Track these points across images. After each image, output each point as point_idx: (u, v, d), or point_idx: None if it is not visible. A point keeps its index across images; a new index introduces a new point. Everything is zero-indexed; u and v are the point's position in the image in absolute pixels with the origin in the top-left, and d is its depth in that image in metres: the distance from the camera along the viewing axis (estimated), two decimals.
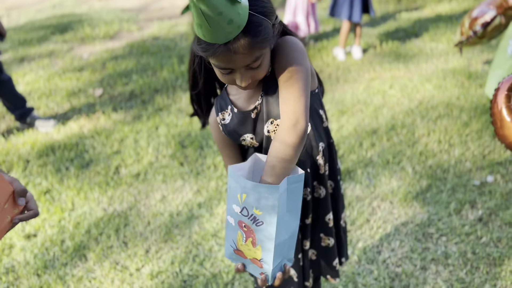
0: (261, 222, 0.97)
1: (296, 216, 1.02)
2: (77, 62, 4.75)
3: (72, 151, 3.10)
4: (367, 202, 2.41)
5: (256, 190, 0.94)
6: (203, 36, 0.90)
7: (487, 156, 2.68)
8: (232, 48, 0.91)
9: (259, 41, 0.93)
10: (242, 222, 1.00)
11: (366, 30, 5.00)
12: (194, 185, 2.66)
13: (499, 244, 2.09)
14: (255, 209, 0.96)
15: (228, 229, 1.05)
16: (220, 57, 0.93)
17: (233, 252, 1.06)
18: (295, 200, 1.00)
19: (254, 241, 1.00)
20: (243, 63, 0.96)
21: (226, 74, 1.00)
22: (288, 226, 1.01)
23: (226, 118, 1.16)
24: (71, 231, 2.38)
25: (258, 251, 1.00)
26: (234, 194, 0.99)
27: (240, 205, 0.98)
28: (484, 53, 4.08)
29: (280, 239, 0.99)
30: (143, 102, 3.76)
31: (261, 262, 1.02)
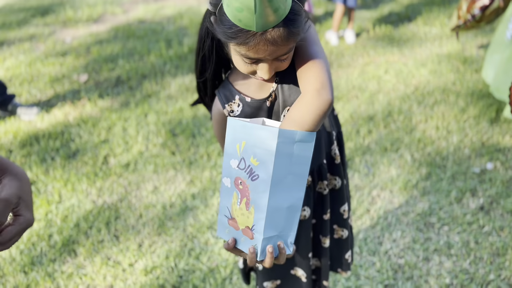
0: (257, 175, 0.86)
1: (301, 185, 0.90)
2: (59, 46, 4.56)
3: (57, 140, 2.96)
4: (366, 191, 2.35)
5: (254, 132, 0.84)
6: (239, 21, 0.81)
7: (485, 143, 2.64)
8: (269, 38, 0.82)
9: (296, 32, 0.84)
10: (238, 179, 0.89)
11: (359, 14, 4.90)
12: (187, 175, 2.56)
13: (502, 233, 2.05)
14: (252, 158, 0.86)
15: (223, 196, 0.94)
16: (252, 46, 0.84)
17: (227, 224, 0.94)
18: (302, 165, 0.88)
19: (248, 201, 0.88)
20: (275, 55, 0.87)
21: (250, 64, 0.90)
22: (289, 194, 0.88)
23: (236, 110, 1.05)
24: (59, 225, 2.27)
25: (250, 215, 0.89)
26: (232, 146, 0.89)
27: (239, 156, 0.88)
28: (478, 37, 4.03)
29: (276, 202, 0.86)
30: (130, 88, 3.62)
31: (252, 231, 0.89)
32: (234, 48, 0.89)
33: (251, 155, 0.86)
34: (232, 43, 0.86)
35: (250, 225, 0.89)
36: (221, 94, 1.06)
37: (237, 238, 0.93)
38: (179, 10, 5.42)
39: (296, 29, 0.84)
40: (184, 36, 4.60)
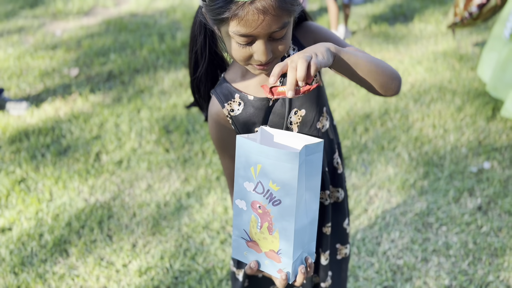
0: (278, 200, 0.82)
1: (316, 197, 0.87)
2: (49, 39, 4.46)
3: (47, 136, 2.89)
4: (364, 190, 2.32)
5: (273, 156, 0.79)
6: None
7: (482, 142, 2.63)
8: (259, 7, 0.78)
9: (289, 2, 0.80)
10: (256, 203, 0.85)
11: (354, 10, 4.87)
12: (181, 173, 2.51)
13: (500, 234, 2.04)
14: (271, 183, 0.81)
15: (237, 218, 0.89)
16: (242, 17, 0.79)
17: (246, 246, 0.90)
18: (314, 177, 0.85)
19: (271, 226, 0.84)
20: (269, 28, 0.81)
21: (245, 45, 0.84)
22: (308, 209, 0.86)
23: (236, 109, 1.00)
24: (50, 224, 2.21)
25: (275, 239, 0.85)
26: (245, 169, 0.84)
27: (254, 179, 0.83)
28: (473, 35, 4.02)
29: (300, 223, 0.84)
30: (122, 83, 3.55)
31: (279, 255, 0.86)
32: (226, 31, 0.84)
33: (269, 179, 0.81)
34: (223, 23, 0.82)
35: (275, 249, 0.86)
36: (218, 94, 1.01)
37: (260, 260, 0.90)
38: (172, 4, 5.33)
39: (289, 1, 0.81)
40: (177, 30, 4.53)
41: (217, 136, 1.04)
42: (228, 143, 1.03)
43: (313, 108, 1.01)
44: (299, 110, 1.01)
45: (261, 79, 0.99)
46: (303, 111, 1.01)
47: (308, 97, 1.00)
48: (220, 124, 1.02)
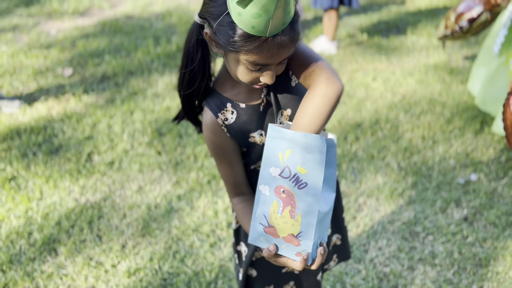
0: (305, 183, 0.88)
1: (332, 187, 0.93)
2: (44, 38, 4.46)
3: (39, 135, 2.89)
4: (353, 198, 2.35)
5: (303, 141, 0.87)
6: (252, 28, 0.80)
7: (470, 154, 2.68)
8: (280, 42, 0.83)
9: (298, 33, 0.87)
10: (280, 187, 0.90)
11: (348, 20, 4.93)
12: (172, 176, 2.53)
13: (485, 244, 2.08)
14: (300, 167, 0.87)
15: (258, 204, 0.94)
16: (264, 52, 0.84)
17: (263, 232, 0.94)
18: (331, 168, 0.91)
19: (294, 209, 0.90)
20: (282, 58, 0.87)
21: (255, 71, 0.90)
22: (328, 197, 0.92)
23: (230, 117, 1.03)
24: (39, 223, 2.20)
25: (296, 222, 0.90)
26: (273, 155, 0.90)
27: (282, 165, 0.89)
28: (463, 48, 4.10)
29: (323, 207, 0.90)
30: (116, 85, 3.55)
31: (299, 238, 0.91)
32: (239, 58, 0.87)
33: (298, 163, 0.87)
34: (241, 53, 0.85)
35: (295, 233, 0.91)
36: (211, 104, 1.04)
37: (278, 245, 0.94)
38: (168, 7, 5.36)
39: (298, 30, 0.87)
40: (173, 34, 4.55)
41: (214, 145, 1.07)
42: (225, 150, 1.07)
43: (297, 107, 1.05)
44: (285, 111, 1.05)
45: (250, 87, 1.01)
46: (288, 110, 1.06)
47: (292, 97, 1.05)
48: (216, 133, 1.05)
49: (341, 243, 1.35)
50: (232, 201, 1.12)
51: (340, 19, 4.96)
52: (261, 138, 1.06)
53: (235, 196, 1.11)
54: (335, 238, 1.33)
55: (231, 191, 1.11)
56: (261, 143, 1.07)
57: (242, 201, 1.10)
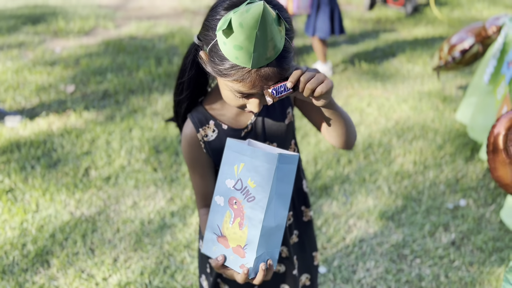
0: (253, 197, 0.92)
1: (285, 205, 0.96)
2: (48, 55, 4.57)
3: (39, 148, 2.95)
4: (343, 219, 2.39)
5: (254, 156, 0.91)
6: (235, 59, 0.84)
7: (460, 180, 2.73)
8: (263, 74, 0.86)
9: (287, 69, 0.89)
10: (233, 199, 0.95)
11: (345, 48, 5.06)
12: (167, 192, 2.57)
13: (471, 269, 2.11)
14: (250, 181, 0.92)
15: (213, 214, 0.98)
16: (247, 82, 0.87)
17: (216, 241, 0.98)
18: (286, 185, 0.94)
19: (242, 221, 0.94)
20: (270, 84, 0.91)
21: (241, 98, 0.94)
22: (277, 213, 0.94)
23: (210, 135, 1.09)
24: (33, 235, 2.24)
25: (243, 234, 0.94)
26: (229, 167, 0.95)
27: (236, 177, 0.94)
28: (457, 78, 4.19)
29: (268, 223, 0.93)
30: (117, 102, 3.63)
31: (245, 250, 0.94)
32: (226, 84, 0.92)
33: (248, 177, 0.92)
34: (227, 80, 0.89)
35: (242, 244, 0.94)
36: (194, 118, 1.09)
37: (227, 255, 0.97)
38: (171, 30, 5.50)
39: (287, 66, 0.89)
40: (174, 55, 4.66)
41: (189, 156, 1.12)
42: (198, 162, 1.12)
43: (283, 141, 1.13)
44: (271, 143, 1.11)
45: (239, 111, 1.08)
46: (274, 144, 1.12)
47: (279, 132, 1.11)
48: (192, 146, 1.10)
49: (310, 283, 1.35)
50: (199, 212, 1.17)
51: (338, 46, 5.09)
52: None
53: (203, 207, 1.16)
54: (304, 278, 1.34)
55: (200, 201, 1.16)
56: None
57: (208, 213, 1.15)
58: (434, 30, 5.65)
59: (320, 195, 2.57)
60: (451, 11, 6.52)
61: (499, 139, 1.39)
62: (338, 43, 5.20)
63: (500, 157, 1.38)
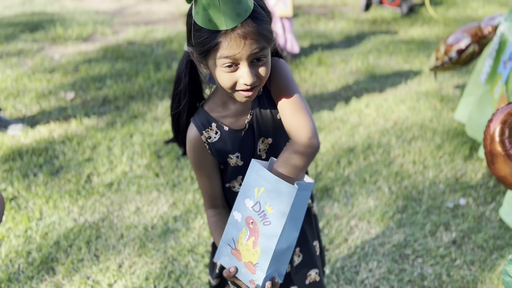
0: (269, 222, 0.96)
1: (297, 227, 1.01)
2: (47, 63, 4.59)
3: (41, 156, 2.96)
4: (345, 221, 2.42)
5: (275, 185, 0.94)
6: (209, 22, 0.91)
7: (459, 179, 2.76)
8: (240, 33, 0.92)
9: (265, 30, 0.95)
10: (250, 218, 0.99)
11: (342, 49, 5.09)
12: (170, 197, 2.59)
13: (472, 267, 2.14)
14: (268, 206, 0.96)
15: (230, 227, 1.03)
16: (228, 44, 0.92)
17: (229, 252, 1.03)
18: (300, 210, 0.99)
19: (256, 241, 0.98)
20: (250, 50, 0.94)
21: (231, 72, 0.97)
22: (289, 236, 1.00)
23: (213, 136, 1.12)
24: (38, 242, 2.26)
25: (256, 254, 0.98)
26: (250, 188, 0.98)
27: (255, 199, 0.97)
28: (454, 77, 4.23)
29: (280, 246, 0.98)
30: (117, 108, 3.65)
31: (256, 267, 0.99)
32: (213, 61, 0.96)
33: (267, 202, 0.96)
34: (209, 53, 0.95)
35: (254, 262, 0.99)
36: (197, 121, 1.13)
37: (238, 267, 1.03)
38: (169, 34, 5.52)
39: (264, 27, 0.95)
40: (173, 60, 4.69)
41: (195, 159, 1.16)
42: (204, 164, 1.16)
43: (279, 137, 1.15)
44: (266, 139, 1.14)
45: (237, 112, 1.12)
46: (269, 139, 1.15)
47: (275, 128, 1.14)
48: (198, 148, 1.14)
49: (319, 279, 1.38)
50: (207, 212, 1.21)
51: (335, 47, 5.12)
52: (237, 160, 1.15)
53: (211, 208, 1.20)
54: (314, 274, 1.37)
55: (208, 202, 1.20)
56: (236, 165, 1.16)
57: (216, 215, 1.19)
58: (430, 30, 5.69)
59: (321, 197, 2.60)
60: (446, 10, 6.57)
61: (495, 132, 1.44)
62: (335, 44, 5.23)
63: (497, 150, 1.42)
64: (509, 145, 1.43)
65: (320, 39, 5.40)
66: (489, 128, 1.50)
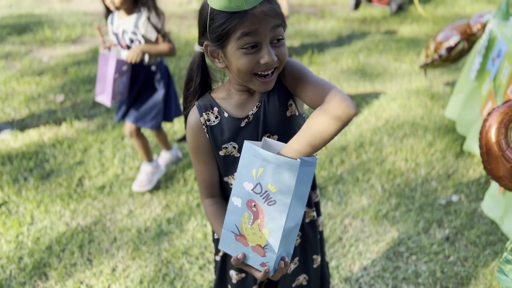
0: (274, 201, 0.93)
1: (303, 204, 0.98)
2: (36, 65, 4.53)
3: (31, 160, 2.93)
4: (339, 219, 2.42)
5: (275, 163, 0.91)
6: (228, 3, 0.93)
7: (451, 176, 2.78)
8: (260, 11, 0.95)
9: (279, 11, 0.99)
10: (252, 201, 0.96)
11: (332, 48, 5.10)
12: (162, 199, 2.58)
13: (466, 263, 2.15)
14: (270, 185, 0.93)
15: (230, 214, 1.00)
16: (248, 20, 0.95)
17: (234, 239, 1.00)
18: (304, 187, 0.96)
19: (262, 223, 0.95)
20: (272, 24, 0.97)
21: (252, 54, 0.98)
22: (296, 214, 0.97)
23: (212, 120, 1.12)
24: (30, 247, 2.23)
25: (264, 235, 0.96)
26: (248, 170, 0.95)
27: (254, 181, 0.94)
28: (444, 75, 4.26)
29: (288, 224, 0.95)
30: (107, 111, 3.62)
31: (265, 250, 0.97)
32: (232, 45, 0.98)
33: (269, 182, 0.93)
34: (228, 38, 0.97)
35: (262, 244, 0.97)
36: (199, 104, 1.14)
37: (246, 253, 1.00)
38: None
39: (277, 6, 0.99)
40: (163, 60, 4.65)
41: (193, 143, 1.15)
42: (203, 149, 1.15)
43: (285, 135, 1.13)
44: (272, 136, 1.13)
45: (243, 101, 1.12)
46: (275, 136, 1.13)
47: (282, 125, 1.12)
48: (196, 132, 1.14)
49: (306, 284, 1.37)
50: (204, 202, 1.19)
51: (325, 47, 5.13)
52: (233, 150, 1.14)
53: (208, 197, 1.18)
54: (302, 278, 1.36)
55: (205, 191, 1.18)
56: (231, 154, 1.14)
57: (214, 203, 1.17)
58: (419, 28, 5.72)
59: None
60: (435, 8, 6.61)
61: (491, 132, 1.43)
62: (325, 44, 5.24)
63: (493, 150, 1.42)
64: (505, 146, 1.41)
65: (311, 39, 5.41)
66: (485, 127, 1.50)
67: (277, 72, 1.04)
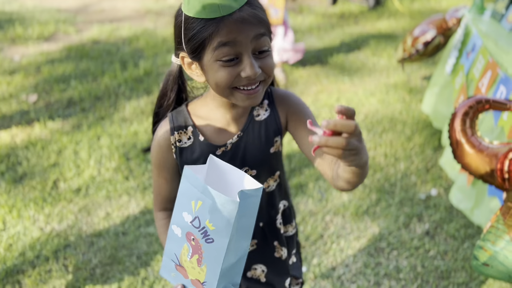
0: (212, 239, 0.85)
1: (247, 236, 0.90)
2: (7, 64, 4.39)
3: (2, 163, 2.83)
4: (320, 216, 2.41)
5: (212, 200, 0.81)
6: (203, 10, 0.83)
7: (430, 170, 2.80)
8: (238, 17, 0.85)
9: (263, 17, 0.88)
10: (191, 234, 0.87)
11: (312, 44, 5.09)
12: (141, 201, 2.52)
13: (445, 257, 2.17)
14: (208, 222, 0.84)
15: (170, 242, 0.92)
16: (223, 29, 0.84)
17: (174, 268, 0.94)
18: (248, 218, 0.87)
19: (200, 259, 0.88)
20: (252, 33, 0.86)
21: (231, 66, 0.87)
22: (238, 248, 0.89)
23: (184, 141, 1.02)
24: (2, 254, 2.15)
25: (202, 272, 0.89)
26: (187, 200, 0.86)
27: (193, 213, 0.85)
28: (421, 69, 4.29)
29: (228, 263, 0.88)
30: (82, 110, 3.53)
31: (204, 285, 0.90)
32: (210, 55, 0.88)
33: (207, 218, 0.84)
34: (205, 47, 0.87)
35: (201, 280, 0.90)
36: (173, 119, 1.03)
37: (186, 285, 0.94)
38: (135, 32, 5.38)
39: (261, 12, 0.88)
40: (140, 58, 4.57)
41: (157, 157, 1.06)
42: (165, 165, 1.06)
43: (264, 171, 1.07)
44: (250, 170, 1.05)
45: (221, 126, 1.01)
46: (254, 171, 1.05)
47: (261, 160, 1.05)
48: (163, 148, 1.04)
49: None
50: (156, 215, 1.13)
51: (305, 42, 5.12)
52: None
53: (161, 210, 1.12)
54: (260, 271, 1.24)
55: (159, 204, 1.11)
56: None
57: (166, 217, 1.10)
58: (396, 23, 5.75)
59: (296, 193, 2.58)
60: (411, 3, 6.67)
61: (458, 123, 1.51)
62: (304, 39, 5.22)
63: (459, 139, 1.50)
64: (470, 133, 1.52)
65: None
66: (453, 120, 1.58)
67: (264, 85, 0.93)
